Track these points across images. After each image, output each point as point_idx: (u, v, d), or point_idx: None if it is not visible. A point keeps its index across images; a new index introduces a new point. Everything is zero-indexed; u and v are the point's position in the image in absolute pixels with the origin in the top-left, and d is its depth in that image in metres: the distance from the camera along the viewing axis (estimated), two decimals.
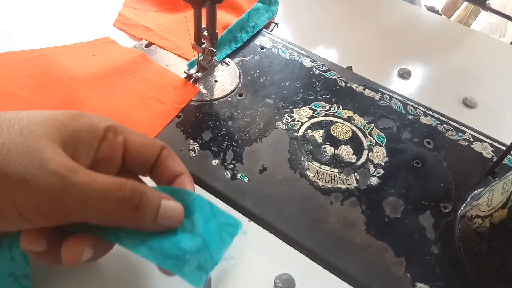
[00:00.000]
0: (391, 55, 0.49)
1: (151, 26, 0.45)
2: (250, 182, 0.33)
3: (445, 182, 0.35)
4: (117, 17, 0.46)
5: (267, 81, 0.41)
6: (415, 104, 0.42)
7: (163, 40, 0.44)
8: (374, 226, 0.32)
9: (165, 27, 0.46)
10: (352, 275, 0.29)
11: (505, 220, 0.27)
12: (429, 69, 0.47)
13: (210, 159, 0.34)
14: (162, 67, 0.41)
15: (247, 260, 0.29)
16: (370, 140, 0.38)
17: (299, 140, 0.37)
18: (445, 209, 0.34)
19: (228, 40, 0.44)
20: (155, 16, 0.47)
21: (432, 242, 0.31)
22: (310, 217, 0.32)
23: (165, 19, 0.47)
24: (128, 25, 0.45)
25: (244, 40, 0.45)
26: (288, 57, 0.44)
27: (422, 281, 0.29)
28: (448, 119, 0.41)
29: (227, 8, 0.48)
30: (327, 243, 0.30)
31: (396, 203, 0.33)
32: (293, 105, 0.40)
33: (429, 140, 0.38)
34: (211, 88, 0.40)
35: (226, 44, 0.44)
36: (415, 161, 0.37)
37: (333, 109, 0.40)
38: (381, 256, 0.30)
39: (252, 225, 0.31)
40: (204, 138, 0.36)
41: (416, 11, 0.56)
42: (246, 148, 0.35)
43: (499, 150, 0.38)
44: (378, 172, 0.35)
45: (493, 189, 0.30)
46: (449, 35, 0.53)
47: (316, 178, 0.34)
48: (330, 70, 0.44)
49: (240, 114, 0.38)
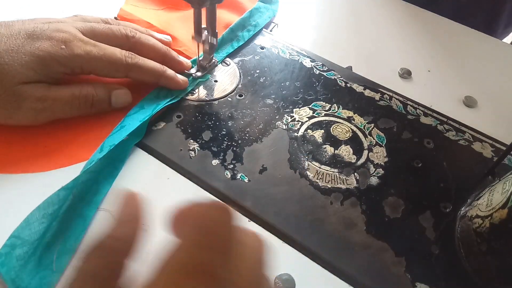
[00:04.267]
0: (391, 55, 0.49)
1: (153, 22, 0.46)
2: (250, 182, 0.33)
3: (445, 182, 0.35)
4: (119, 12, 0.46)
5: (267, 81, 0.41)
6: (415, 104, 0.42)
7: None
8: (374, 226, 0.32)
9: (167, 23, 0.46)
10: (352, 275, 0.29)
11: (505, 220, 0.27)
12: (429, 69, 0.47)
13: (210, 159, 0.34)
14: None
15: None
16: (370, 140, 0.38)
17: (299, 140, 0.37)
18: (445, 209, 0.34)
19: (230, 39, 0.44)
20: (157, 13, 0.48)
21: (432, 242, 0.31)
22: (310, 217, 0.32)
23: (167, 17, 0.47)
24: (130, 20, 0.46)
25: (246, 39, 0.45)
26: (288, 57, 0.44)
27: (422, 281, 0.29)
28: (448, 119, 0.41)
29: (229, 7, 0.49)
30: (327, 243, 0.30)
31: (396, 203, 0.33)
32: (293, 105, 0.40)
33: (429, 140, 0.38)
34: (211, 88, 0.40)
35: (228, 43, 0.44)
36: (415, 161, 0.37)
37: (333, 109, 0.40)
38: (381, 256, 0.30)
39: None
40: (204, 138, 0.36)
41: (416, 11, 0.56)
42: (246, 148, 0.35)
43: (499, 150, 0.38)
44: (378, 172, 0.35)
45: (493, 189, 0.30)
46: (449, 35, 0.53)
47: (316, 178, 0.34)
48: (330, 70, 0.44)
49: (240, 114, 0.38)
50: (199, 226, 0.16)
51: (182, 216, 0.17)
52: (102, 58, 0.33)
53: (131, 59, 0.35)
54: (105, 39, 0.35)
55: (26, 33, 0.32)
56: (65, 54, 0.32)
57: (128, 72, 0.35)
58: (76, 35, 0.33)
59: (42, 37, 0.32)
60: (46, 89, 0.32)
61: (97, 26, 0.36)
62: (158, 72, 0.36)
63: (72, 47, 0.32)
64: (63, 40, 0.32)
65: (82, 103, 0.34)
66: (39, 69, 0.31)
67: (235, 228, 0.17)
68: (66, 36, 0.33)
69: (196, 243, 0.15)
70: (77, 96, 0.33)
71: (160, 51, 0.38)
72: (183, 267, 0.15)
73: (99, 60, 0.33)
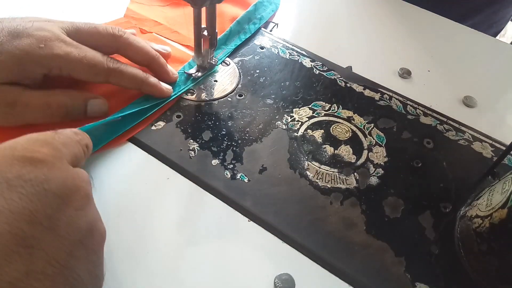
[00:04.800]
0: (391, 55, 0.49)
1: (160, 20, 0.46)
2: (250, 182, 0.33)
3: (445, 182, 0.35)
4: (126, 12, 0.47)
5: (267, 81, 0.41)
6: (415, 104, 0.42)
7: (173, 33, 0.45)
8: (374, 226, 0.32)
9: (174, 20, 0.47)
10: (352, 275, 0.29)
11: (505, 220, 0.27)
12: (429, 69, 0.47)
13: (210, 159, 0.34)
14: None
15: (247, 260, 0.29)
16: (370, 140, 0.38)
17: (299, 140, 0.37)
18: (445, 209, 0.34)
19: (237, 31, 0.45)
20: (163, 10, 0.48)
21: (432, 242, 0.31)
22: (310, 217, 0.32)
23: (173, 13, 0.48)
24: (137, 19, 0.46)
25: (252, 31, 0.46)
26: (288, 57, 0.44)
27: (422, 281, 0.29)
28: (448, 119, 0.41)
29: (233, 1, 0.50)
30: (327, 243, 0.30)
31: (396, 203, 0.33)
32: (293, 105, 0.40)
33: (429, 140, 0.38)
34: (211, 88, 0.40)
35: (236, 35, 0.45)
36: (415, 161, 0.37)
37: (333, 109, 0.40)
38: (381, 256, 0.30)
39: (252, 225, 0.31)
40: (204, 138, 0.36)
41: (416, 11, 0.56)
42: (245, 148, 0.35)
43: (499, 150, 0.38)
44: (378, 172, 0.35)
45: (493, 189, 0.30)
46: (449, 35, 0.53)
47: (316, 178, 0.34)
48: (330, 70, 0.44)
49: (240, 114, 0.38)
50: None
51: None
52: (82, 60, 0.32)
53: (112, 64, 0.34)
54: (90, 38, 0.34)
55: (8, 30, 0.30)
56: (43, 53, 0.30)
57: (108, 77, 0.34)
58: (59, 35, 0.32)
59: (22, 35, 0.30)
60: (18, 94, 0.31)
61: (82, 26, 0.34)
62: (139, 79, 0.35)
63: (52, 46, 0.31)
64: (44, 39, 0.31)
65: (55, 112, 0.32)
66: (16, 69, 0.30)
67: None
68: (47, 35, 0.31)
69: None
70: (50, 104, 0.32)
71: (147, 55, 0.37)
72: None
73: (79, 62, 0.32)
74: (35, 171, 0.21)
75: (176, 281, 0.28)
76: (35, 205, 0.20)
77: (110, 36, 0.35)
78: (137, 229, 0.30)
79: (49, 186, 0.21)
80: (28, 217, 0.19)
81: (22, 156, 0.21)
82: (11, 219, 0.19)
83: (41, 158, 0.22)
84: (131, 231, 0.29)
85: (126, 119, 0.35)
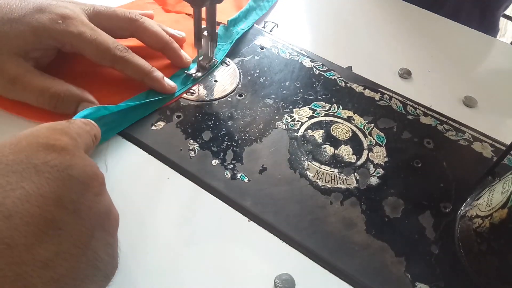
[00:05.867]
0: (391, 55, 0.49)
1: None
2: (250, 182, 0.33)
3: (445, 182, 0.35)
4: None
5: (267, 81, 0.41)
6: (415, 104, 0.42)
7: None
8: (374, 226, 0.32)
9: (176, 22, 0.47)
10: (352, 275, 0.29)
11: (505, 220, 0.27)
12: (429, 69, 0.47)
13: (210, 159, 0.34)
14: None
15: (247, 260, 0.29)
16: (370, 140, 0.38)
17: (299, 140, 0.37)
18: (445, 209, 0.34)
19: (254, 8, 0.48)
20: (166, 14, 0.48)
21: (432, 242, 0.31)
22: (310, 217, 0.32)
23: (171, 17, 0.48)
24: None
25: (267, 8, 0.50)
26: (288, 57, 0.44)
27: (422, 281, 0.29)
28: (448, 119, 0.41)
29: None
30: (327, 243, 0.30)
31: (396, 203, 0.33)
32: (293, 105, 0.40)
33: (429, 140, 0.38)
34: (211, 88, 0.40)
35: (253, 11, 0.48)
36: (415, 161, 0.37)
37: (333, 109, 0.40)
38: (381, 256, 0.30)
39: (252, 225, 0.31)
40: (204, 138, 0.36)
41: (416, 11, 0.56)
42: (246, 148, 0.35)
43: (499, 150, 0.38)
44: (378, 172, 0.35)
45: (493, 189, 0.30)
46: (449, 35, 0.53)
47: (316, 178, 0.34)
48: (330, 70, 0.44)
49: (240, 114, 0.38)
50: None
51: None
52: (92, 42, 0.33)
53: (120, 52, 0.35)
54: (108, 20, 0.36)
55: (34, 5, 0.33)
56: (59, 28, 0.32)
57: (114, 63, 0.35)
58: (78, 15, 0.34)
59: (45, 11, 0.33)
60: (22, 72, 0.32)
61: (102, 9, 0.37)
62: (143, 71, 0.36)
63: (68, 24, 0.33)
64: (63, 16, 0.33)
65: (46, 101, 0.33)
66: (31, 39, 0.32)
67: None
68: (69, 13, 0.33)
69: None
70: (43, 92, 0.33)
71: (162, 39, 0.38)
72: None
73: (89, 43, 0.33)
74: (59, 157, 0.22)
75: (176, 281, 0.28)
76: (61, 190, 0.21)
77: (127, 19, 0.37)
78: (137, 229, 0.30)
79: (73, 172, 0.22)
80: (55, 201, 0.20)
81: (46, 143, 0.22)
82: (41, 202, 0.20)
83: (63, 146, 0.22)
84: (131, 231, 0.29)
85: (127, 115, 0.35)
